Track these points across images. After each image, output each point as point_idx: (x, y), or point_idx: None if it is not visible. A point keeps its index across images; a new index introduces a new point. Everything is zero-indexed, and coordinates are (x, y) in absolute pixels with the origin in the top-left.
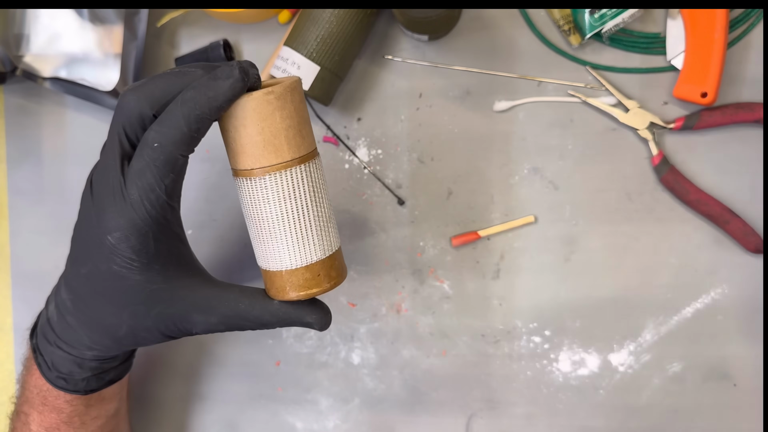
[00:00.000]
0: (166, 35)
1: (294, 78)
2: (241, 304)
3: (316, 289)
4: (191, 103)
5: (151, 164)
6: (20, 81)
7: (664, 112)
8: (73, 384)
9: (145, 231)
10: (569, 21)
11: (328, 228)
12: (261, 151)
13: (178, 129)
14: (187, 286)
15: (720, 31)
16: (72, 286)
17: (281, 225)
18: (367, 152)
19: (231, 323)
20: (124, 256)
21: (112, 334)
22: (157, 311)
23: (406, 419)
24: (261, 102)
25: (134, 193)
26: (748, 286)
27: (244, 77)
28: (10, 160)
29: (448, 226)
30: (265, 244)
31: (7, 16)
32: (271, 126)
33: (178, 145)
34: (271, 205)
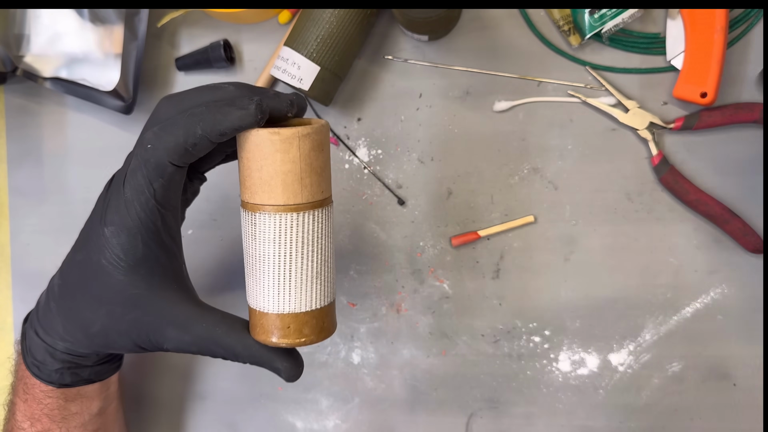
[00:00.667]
0: (167, 35)
1: (316, 125)
2: (218, 329)
3: (290, 340)
4: (197, 119)
5: (142, 165)
6: (21, 81)
7: (663, 112)
8: (47, 374)
9: (134, 232)
10: (569, 21)
11: (319, 281)
12: (257, 187)
13: (174, 137)
14: (168, 299)
15: (720, 31)
16: (64, 271)
17: (265, 266)
18: (367, 152)
19: (204, 346)
20: (114, 252)
21: (85, 329)
22: (133, 317)
23: (406, 419)
24: (264, 140)
25: (128, 191)
26: (748, 286)
27: (259, 114)
28: (10, 160)
29: (448, 226)
30: (251, 280)
31: (7, 16)
32: (270, 166)
33: (169, 152)
34: (258, 242)
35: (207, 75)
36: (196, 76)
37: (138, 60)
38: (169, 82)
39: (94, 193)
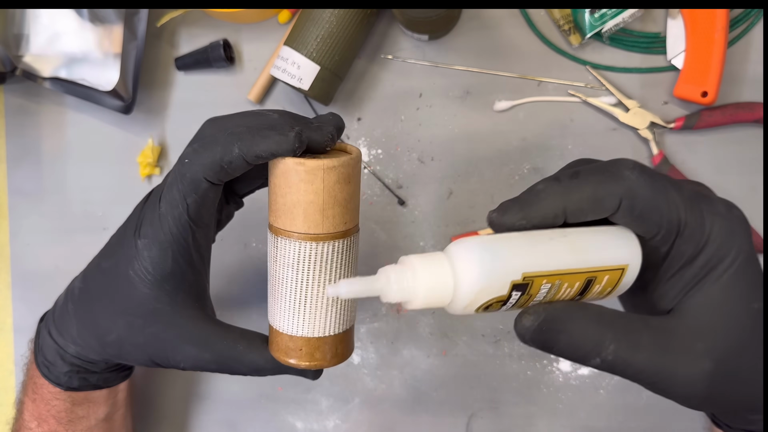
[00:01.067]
0: (166, 35)
1: (344, 159)
2: (239, 345)
3: (301, 362)
4: (235, 138)
5: (178, 179)
6: (20, 81)
7: (664, 111)
8: (56, 376)
9: (166, 247)
10: (569, 21)
11: (334, 309)
12: (280, 213)
13: (211, 154)
14: (189, 317)
15: (720, 31)
16: (88, 276)
17: (283, 288)
18: (367, 152)
19: (224, 363)
20: (143, 264)
21: (100, 336)
22: (152, 330)
23: (406, 419)
24: (290, 168)
25: (163, 205)
26: None
27: (297, 143)
28: (10, 160)
29: (448, 226)
30: (271, 299)
31: (7, 16)
32: (293, 195)
33: (205, 168)
34: (278, 264)
35: (206, 74)
36: (195, 76)
37: (137, 60)
38: (169, 82)
39: (94, 193)
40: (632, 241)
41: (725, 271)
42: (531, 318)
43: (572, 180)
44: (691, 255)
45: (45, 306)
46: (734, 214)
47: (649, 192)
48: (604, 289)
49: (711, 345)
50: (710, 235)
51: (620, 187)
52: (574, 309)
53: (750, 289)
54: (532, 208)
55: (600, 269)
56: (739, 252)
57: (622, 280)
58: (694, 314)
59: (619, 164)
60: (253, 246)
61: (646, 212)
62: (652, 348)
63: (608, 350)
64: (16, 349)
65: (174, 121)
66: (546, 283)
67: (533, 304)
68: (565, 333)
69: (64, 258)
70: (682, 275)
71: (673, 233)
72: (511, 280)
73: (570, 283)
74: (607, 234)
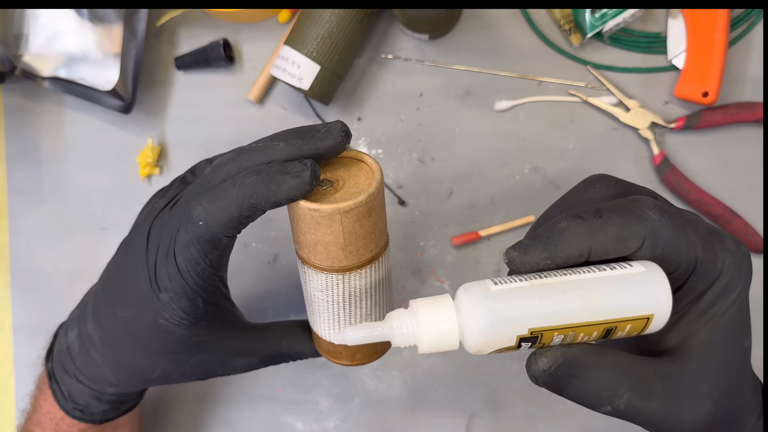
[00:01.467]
0: (166, 35)
1: (361, 198)
2: (283, 342)
3: (343, 361)
4: (249, 190)
5: (194, 240)
6: (20, 80)
7: (665, 111)
8: (90, 414)
9: (194, 297)
10: (570, 20)
11: (372, 317)
12: (303, 246)
13: (228, 212)
14: (230, 336)
15: (721, 31)
16: (103, 324)
17: (317, 306)
18: (367, 152)
19: (273, 361)
20: (174, 314)
21: (143, 376)
22: (198, 359)
23: (406, 419)
24: (305, 214)
25: (182, 263)
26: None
27: (312, 181)
28: (9, 160)
29: (448, 226)
30: (309, 310)
31: (6, 16)
32: (313, 235)
33: (223, 228)
34: (308, 287)
35: (206, 74)
36: (195, 76)
37: (137, 59)
38: (169, 82)
39: (93, 193)
40: (662, 287)
41: (729, 308)
42: (547, 361)
43: (596, 219)
44: (701, 291)
45: (44, 306)
46: (742, 252)
47: (670, 232)
48: (629, 334)
49: (712, 386)
50: (721, 271)
51: (644, 227)
52: (591, 356)
53: (745, 326)
54: (557, 248)
55: (620, 320)
56: (743, 289)
57: (648, 327)
58: (698, 354)
59: (641, 204)
60: (253, 246)
61: (667, 251)
62: (663, 396)
63: (622, 399)
64: (15, 348)
65: (174, 121)
66: (558, 335)
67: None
68: (579, 379)
69: (63, 258)
70: (690, 311)
71: (690, 270)
72: (517, 335)
73: (586, 332)
74: (633, 280)
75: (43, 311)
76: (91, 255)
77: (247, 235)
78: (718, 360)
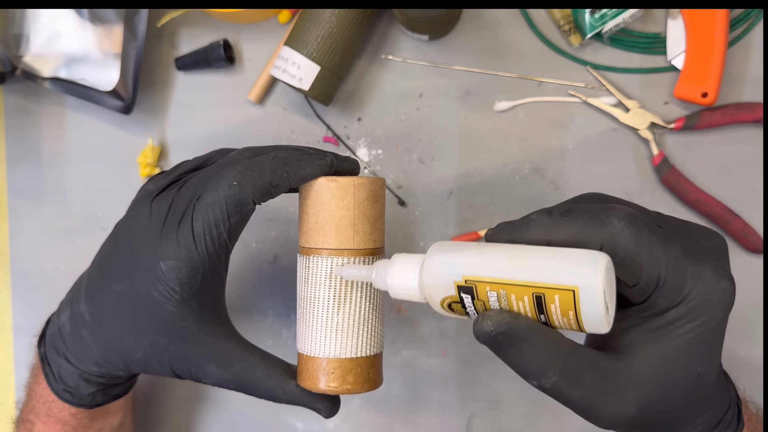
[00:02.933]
0: (166, 35)
1: (372, 179)
2: (258, 371)
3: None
4: (282, 162)
5: (223, 200)
6: (20, 81)
7: (664, 112)
8: (79, 398)
9: (198, 266)
10: (570, 21)
11: (366, 329)
12: (313, 232)
13: (262, 177)
14: (213, 334)
15: (720, 31)
16: (96, 300)
17: (315, 308)
18: (367, 152)
19: (242, 386)
20: (169, 286)
21: (125, 357)
22: (178, 348)
23: (406, 420)
24: (322, 186)
25: (199, 225)
26: (748, 286)
27: (332, 165)
28: (10, 160)
29: (448, 227)
30: (302, 324)
31: (7, 16)
32: (326, 211)
33: (254, 190)
34: (309, 285)
35: (206, 75)
36: (195, 76)
37: (137, 60)
38: (169, 82)
39: (94, 193)
40: (594, 267)
41: (687, 333)
42: (491, 325)
43: (562, 217)
44: (663, 308)
45: (45, 306)
46: (720, 285)
47: (632, 244)
48: (565, 312)
49: (642, 395)
50: (687, 296)
51: (603, 233)
52: (534, 331)
53: (702, 355)
54: (520, 234)
55: (545, 286)
56: (708, 320)
57: (579, 304)
58: (641, 362)
59: (610, 211)
60: (254, 246)
61: (627, 262)
62: (590, 388)
63: (549, 380)
64: (15, 349)
65: (174, 121)
66: (491, 291)
67: (497, 310)
68: (515, 350)
69: (63, 258)
70: (648, 322)
71: (652, 286)
72: (454, 281)
73: (517, 296)
74: (568, 256)
75: (43, 311)
76: (91, 255)
77: (247, 235)
78: (658, 374)
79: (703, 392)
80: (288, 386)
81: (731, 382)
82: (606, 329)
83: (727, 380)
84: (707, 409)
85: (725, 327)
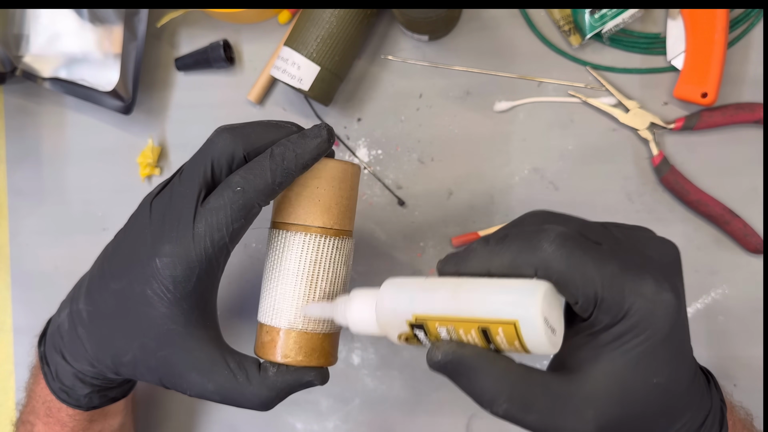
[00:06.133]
0: (166, 35)
1: (349, 162)
2: (239, 377)
3: (292, 358)
4: (279, 158)
5: (228, 205)
6: (20, 81)
7: (664, 112)
8: (76, 398)
9: (194, 266)
10: (569, 21)
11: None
12: (292, 208)
13: (264, 179)
14: (199, 339)
15: (720, 31)
16: (94, 298)
17: (284, 281)
18: (367, 152)
19: (227, 396)
20: (163, 283)
21: (116, 357)
22: (164, 354)
23: (406, 419)
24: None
25: (201, 227)
26: (748, 286)
27: (330, 138)
28: (10, 160)
29: (448, 227)
30: (268, 295)
31: (7, 16)
32: (307, 188)
33: (259, 194)
34: (281, 257)
35: (206, 75)
36: (195, 76)
37: (137, 60)
38: (169, 82)
39: (94, 194)
40: (532, 299)
41: (635, 347)
42: (440, 355)
43: (497, 245)
44: (606, 324)
45: (45, 307)
46: (661, 298)
47: (563, 266)
48: (510, 341)
49: (600, 413)
50: (627, 312)
51: (535, 258)
52: (480, 359)
53: (657, 366)
54: (462, 266)
55: (488, 321)
56: (653, 333)
57: (522, 334)
58: (594, 380)
59: (542, 234)
60: (254, 247)
61: (561, 283)
62: (544, 411)
63: (501, 407)
64: (15, 349)
65: (174, 122)
66: (440, 326)
67: (446, 340)
68: (465, 378)
69: (63, 258)
70: (596, 338)
71: (591, 305)
72: (405, 320)
73: (465, 329)
74: (507, 288)
75: (43, 312)
76: (91, 256)
77: (247, 235)
78: (613, 391)
79: (672, 401)
80: (268, 380)
81: (716, 386)
82: (552, 351)
83: (709, 384)
84: (681, 416)
85: (683, 335)
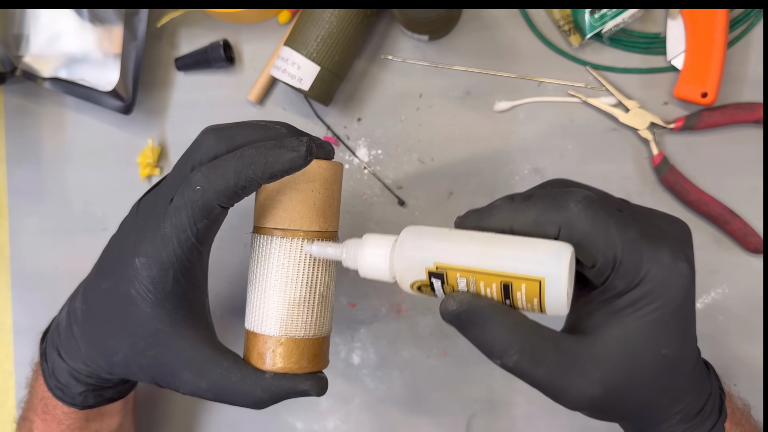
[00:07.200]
0: (166, 35)
1: (337, 164)
2: (233, 375)
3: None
4: (247, 161)
5: (188, 205)
6: (20, 81)
7: (664, 112)
8: (71, 396)
9: (167, 267)
10: (569, 21)
11: (318, 311)
12: (275, 210)
13: (225, 180)
14: (188, 338)
15: (720, 31)
16: (88, 297)
17: (271, 287)
18: (367, 152)
19: (221, 394)
20: (143, 284)
21: (108, 357)
22: (154, 353)
23: (406, 419)
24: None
25: (167, 228)
26: (748, 286)
27: (308, 156)
28: (10, 160)
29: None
30: (254, 301)
31: (7, 16)
32: (292, 193)
33: (219, 195)
34: (267, 264)
35: (206, 75)
36: (195, 76)
37: (137, 60)
38: (169, 82)
39: (94, 194)
40: (559, 259)
41: (648, 315)
42: (455, 304)
43: (522, 203)
44: (622, 290)
45: (45, 307)
46: (677, 267)
47: (588, 227)
48: (530, 299)
49: (606, 375)
50: (644, 278)
51: (560, 216)
52: (495, 311)
53: (667, 337)
54: (484, 221)
55: (513, 276)
56: (667, 302)
57: (545, 293)
58: (604, 343)
59: (568, 195)
60: None
61: (583, 243)
62: (553, 367)
63: (511, 358)
64: (15, 349)
65: (174, 122)
66: (461, 277)
67: (462, 291)
68: (478, 328)
69: (63, 258)
70: (610, 304)
71: (609, 267)
72: (425, 267)
73: (486, 283)
74: (535, 247)
75: (43, 311)
76: (91, 255)
77: (246, 235)
78: (622, 355)
79: (676, 378)
80: (265, 382)
81: (714, 375)
82: (566, 311)
83: (708, 371)
84: (683, 397)
85: (691, 312)
